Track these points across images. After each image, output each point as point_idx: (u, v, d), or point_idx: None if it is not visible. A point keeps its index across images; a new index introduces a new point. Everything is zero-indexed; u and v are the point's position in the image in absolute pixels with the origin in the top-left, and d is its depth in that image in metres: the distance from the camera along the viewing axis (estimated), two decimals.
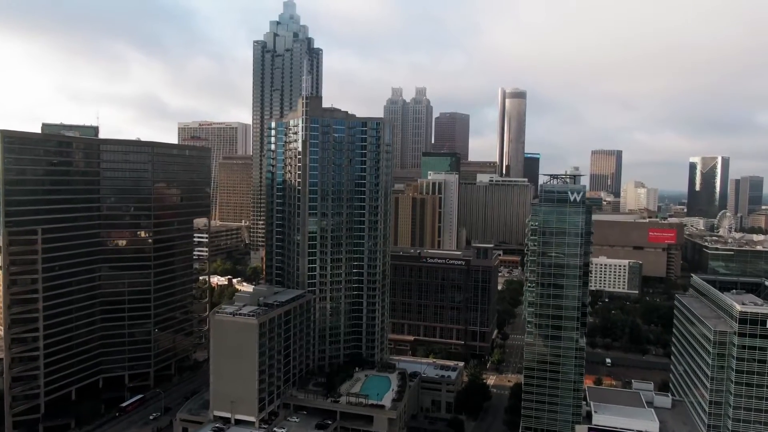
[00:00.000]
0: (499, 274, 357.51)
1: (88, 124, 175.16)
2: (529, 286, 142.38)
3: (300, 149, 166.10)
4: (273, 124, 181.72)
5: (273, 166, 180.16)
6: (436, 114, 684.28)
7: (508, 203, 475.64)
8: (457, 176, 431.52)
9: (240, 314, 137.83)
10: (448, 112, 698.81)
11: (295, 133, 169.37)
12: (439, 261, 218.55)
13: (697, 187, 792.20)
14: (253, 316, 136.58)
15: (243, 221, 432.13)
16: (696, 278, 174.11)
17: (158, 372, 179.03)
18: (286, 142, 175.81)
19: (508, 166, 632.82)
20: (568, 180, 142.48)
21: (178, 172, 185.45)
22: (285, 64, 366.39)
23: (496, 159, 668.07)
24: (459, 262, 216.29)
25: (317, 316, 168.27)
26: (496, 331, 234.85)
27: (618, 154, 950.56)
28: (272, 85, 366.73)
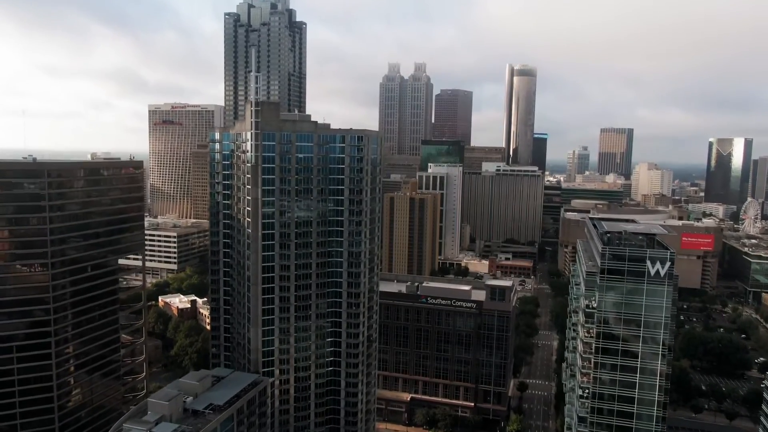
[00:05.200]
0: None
1: None
2: (581, 396, 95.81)
3: (249, 176, 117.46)
4: (217, 135, 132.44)
5: (218, 193, 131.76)
6: (436, 91, 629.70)
7: (517, 195, 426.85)
8: (460, 168, 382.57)
9: None
10: (449, 89, 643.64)
11: (245, 151, 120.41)
12: (442, 302, 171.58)
13: (716, 171, 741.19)
14: None
15: None
16: None
17: None
18: (234, 163, 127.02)
19: (515, 150, 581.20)
20: (637, 238, 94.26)
21: (92, 198, 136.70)
22: (262, 41, 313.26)
23: (502, 139, 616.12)
24: (468, 305, 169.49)
25: (276, 405, 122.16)
26: (512, 381, 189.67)
27: (629, 133, 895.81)
28: (247, 65, 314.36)
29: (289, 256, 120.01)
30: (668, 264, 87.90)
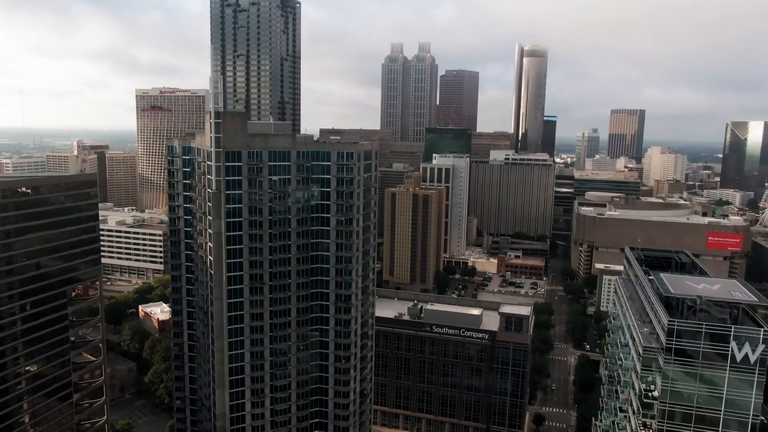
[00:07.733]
0: (520, 289, 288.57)
1: None
2: None
3: (211, 205, 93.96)
4: (176, 146, 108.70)
5: (179, 218, 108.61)
6: (440, 72, 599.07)
7: (527, 185, 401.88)
8: (467, 159, 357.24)
9: None
10: (454, 69, 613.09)
11: (205, 173, 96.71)
12: (449, 332, 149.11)
13: (731, 155, 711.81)
14: None
15: None
16: None
17: None
18: (193, 184, 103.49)
19: (524, 134, 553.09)
20: (720, 310, 70.56)
21: (29, 224, 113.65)
22: (251, 22, 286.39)
23: (509, 120, 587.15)
24: (479, 335, 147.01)
25: None
26: (527, 414, 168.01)
27: (640, 114, 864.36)
28: (235, 48, 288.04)
29: (263, 302, 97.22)
30: (762, 347, 64.84)
